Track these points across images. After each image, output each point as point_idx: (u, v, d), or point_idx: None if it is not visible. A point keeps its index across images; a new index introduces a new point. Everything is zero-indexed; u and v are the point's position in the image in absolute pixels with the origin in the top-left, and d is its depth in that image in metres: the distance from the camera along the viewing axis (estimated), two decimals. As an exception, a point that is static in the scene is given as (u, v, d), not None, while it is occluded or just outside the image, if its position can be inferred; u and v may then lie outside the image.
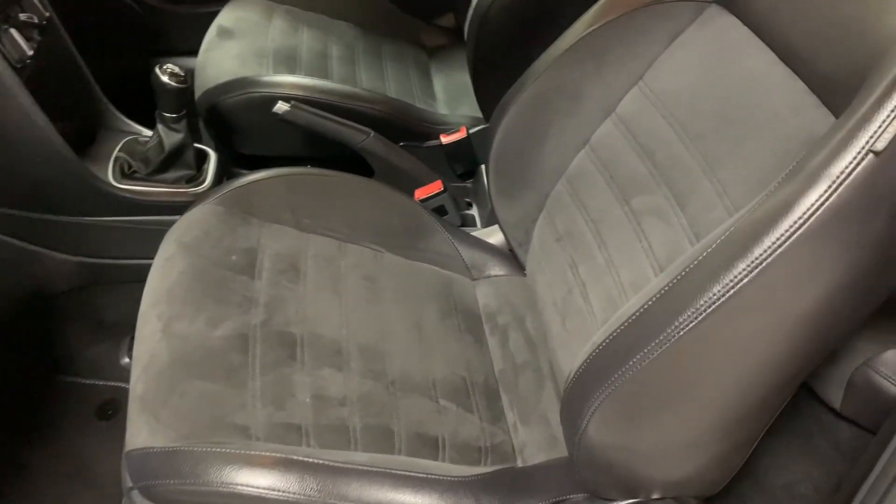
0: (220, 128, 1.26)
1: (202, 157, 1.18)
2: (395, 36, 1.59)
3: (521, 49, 1.18)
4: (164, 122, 1.09)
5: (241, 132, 1.26)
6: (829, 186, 0.53)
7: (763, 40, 0.75)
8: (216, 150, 1.26)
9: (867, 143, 0.52)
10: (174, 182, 1.13)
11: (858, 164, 0.52)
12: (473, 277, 1.06)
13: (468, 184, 1.30)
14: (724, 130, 0.76)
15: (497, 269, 1.07)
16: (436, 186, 1.15)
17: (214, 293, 0.87)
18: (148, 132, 1.21)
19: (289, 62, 1.33)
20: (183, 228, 0.94)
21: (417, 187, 1.18)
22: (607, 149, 0.91)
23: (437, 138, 1.27)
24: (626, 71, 0.90)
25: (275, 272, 0.92)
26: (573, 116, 0.94)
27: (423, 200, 1.15)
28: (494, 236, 1.11)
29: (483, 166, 1.23)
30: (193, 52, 1.46)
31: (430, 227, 1.06)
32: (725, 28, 0.80)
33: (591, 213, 0.90)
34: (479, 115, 1.33)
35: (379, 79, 1.40)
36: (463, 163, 1.28)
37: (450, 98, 1.44)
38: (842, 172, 0.53)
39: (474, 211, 1.24)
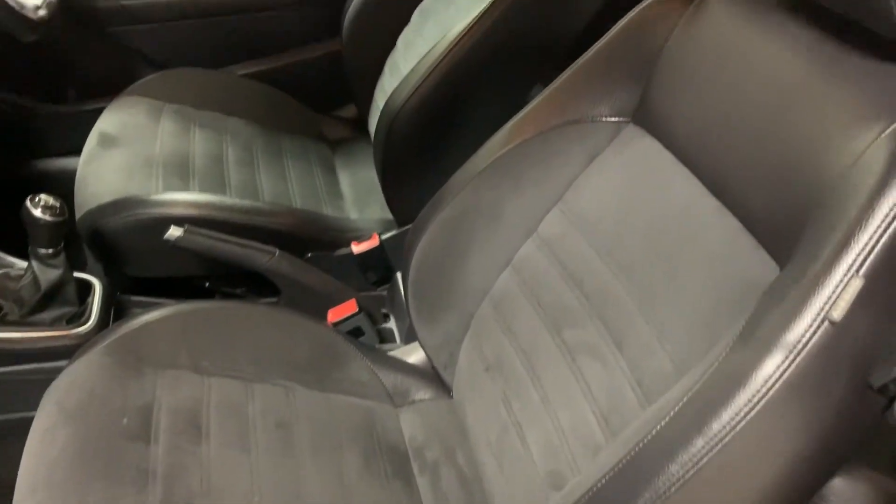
0: (105, 251, 1.14)
1: (85, 289, 1.06)
2: (296, 130, 1.51)
3: (432, 152, 1.14)
4: (39, 258, 0.97)
5: (130, 256, 1.15)
6: (786, 357, 0.49)
7: (689, 168, 0.73)
8: (104, 272, 1.15)
9: (822, 309, 0.49)
10: (53, 323, 1.00)
11: (815, 332, 0.49)
12: (396, 404, 0.98)
13: (383, 292, 1.23)
14: (654, 263, 0.72)
15: (421, 393, 1.00)
16: (349, 307, 1.07)
17: (104, 470, 0.75)
18: (21, 263, 1.08)
19: (181, 172, 1.24)
20: (64, 388, 0.83)
21: (329, 305, 1.10)
22: (531, 271, 0.87)
23: (348, 246, 1.19)
24: (545, 191, 0.86)
25: (173, 433, 0.81)
26: (494, 236, 0.89)
27: (336, 323, 1.07)
28: (416, 354, 1.04)
29: (399, 274, 1.16)
30: (77, 150, 1.35)
31: (346, 353, 0.98)
32: (646, 151, 0.78)
33: (521, 342, 0.85)
34: (390, 216, 1.27)
35: (281, 181, 1.32)
36: (377, 271, 1.21)
37: (358, 196, 1.37)
38: (798, 342, 0.49)
39: (392, 324, 1.17)
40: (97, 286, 1.06)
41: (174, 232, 1.04)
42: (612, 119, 0.82)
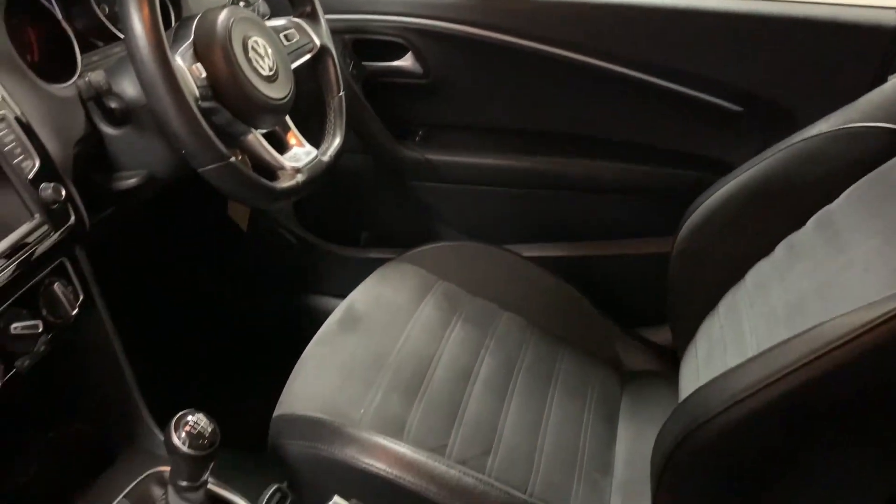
0: (286, 469, 0.89)
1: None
2: (580, 347, 1.16)
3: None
4: (178, 490, 0.75)
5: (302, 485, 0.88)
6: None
7: None
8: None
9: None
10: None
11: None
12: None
13: None
14: None
15: None
16: None
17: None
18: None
19: (410, 387, 0.95)
20: None
21: None
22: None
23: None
24: None
25: None
26: None
27: None
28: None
29: None
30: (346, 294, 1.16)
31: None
32: None
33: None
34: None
35: (531, 431, 0.96)
36: None
37: (630, 479, 0.96)
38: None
39: None
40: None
41: (337, 507, 0.75)
42: None
